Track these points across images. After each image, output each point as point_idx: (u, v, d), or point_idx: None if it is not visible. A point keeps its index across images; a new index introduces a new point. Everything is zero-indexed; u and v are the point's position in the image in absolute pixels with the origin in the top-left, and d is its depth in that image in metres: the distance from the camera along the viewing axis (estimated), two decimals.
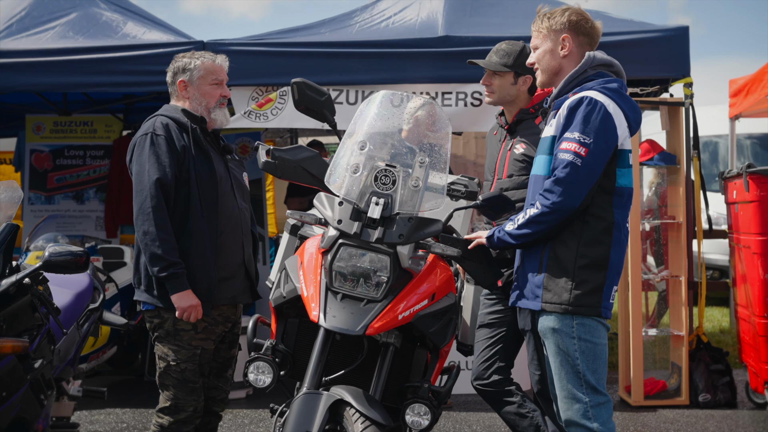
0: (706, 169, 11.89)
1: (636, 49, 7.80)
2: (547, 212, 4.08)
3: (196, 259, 4.78)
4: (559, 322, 4.12)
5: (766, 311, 6.64)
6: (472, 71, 6.17)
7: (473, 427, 7.11)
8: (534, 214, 4.12)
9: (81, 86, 8.50)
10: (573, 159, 4.02)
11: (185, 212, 4.79)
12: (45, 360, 4.80)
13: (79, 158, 11.23)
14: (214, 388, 5.08)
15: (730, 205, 7.47)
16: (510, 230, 4.22)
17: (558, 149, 4.07)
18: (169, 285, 4.70)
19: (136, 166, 4.80)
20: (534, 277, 4.18)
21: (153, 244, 4.67)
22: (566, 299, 4.08)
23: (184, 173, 4.79)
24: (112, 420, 7.33)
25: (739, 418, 7.32)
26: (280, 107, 7.85)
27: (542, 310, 4.16)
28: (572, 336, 4.10)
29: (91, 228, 11.08)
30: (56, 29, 8.42)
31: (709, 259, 10.64)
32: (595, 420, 4.10)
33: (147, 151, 4.76)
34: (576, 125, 4.05)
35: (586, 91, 4.13)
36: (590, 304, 4.09)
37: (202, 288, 4.78)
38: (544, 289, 4.13)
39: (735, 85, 10.30)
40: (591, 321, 4.12)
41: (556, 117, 4.19)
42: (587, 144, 4.02)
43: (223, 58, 5.09)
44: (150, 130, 4.81)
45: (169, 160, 4.74)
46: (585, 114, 4.05)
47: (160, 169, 4.72)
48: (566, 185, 4.03)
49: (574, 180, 4.02)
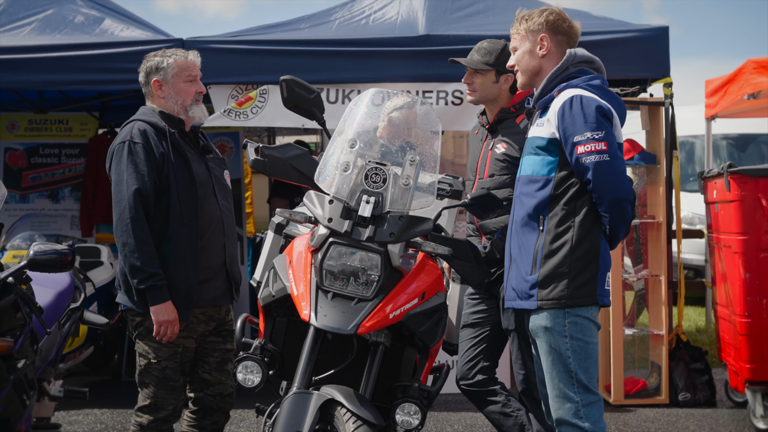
0: (681, 169, 11.94)
1: (615, 48, 7.81)
2: (615, 211, 4.10)
3: (175, 264, 4.73)
4: (552, 321, 4.12)
5: (747, 310, 6.66)
6: (452, 70, 6.17)
7: (454, 426, 7.10)
8: (609, 220, 4.12)
9: (58, 84, 8.41)
10: (598, 159, 4.03)
11: (165, 219, 4.74)
12: (28, 360, 4.74)
13: (54, 157, 11.13)
14: (219, 383, 5.00)
15: (710, 204, 7.49)
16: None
17: (576, 155, 4.07)
18: (149, 296, 4.66)
19: (114, 175, 4.75)
20: (528, 277, 4.17)
21: (132, 256, 4.62)
22: (563, 294, 4.09)
23: (163, 180, 4.73)
24: (90, 420, 7.27)
25: (719, 416, 7.35)
26: (260, 105, 7.81)
27: (537, 308, 4.15)
28: (564, 335, 4.10)
29: (66, 227, 11.00)
30: (33, 26, 8.33)
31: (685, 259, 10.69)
32: (587, 419, 4.10)
33: (125, 160, 4.70)
34: (579, 126, 4.06)
35: (572, 89, 4.15)
36: (587, 294, 4.12)
37: (180, 292, 4.74)
38: (539, 288, 4.13)
39: (711, 85, 10.32)
40: (583, 320, 4.12)
41: (547, 118, 4.19)
42: (601, 138, 4.04)
43: (195, 54, 5.04)
44: (128, 138, 4.74)
45: (147, 168, 4.68)
46: (583, 112, 4.06)
47: (139, 179, 4.67)
48: (608, 183, 4.05)
49: (611, 175, 4.05)
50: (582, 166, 4.07)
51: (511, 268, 4.31)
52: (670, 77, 7.86)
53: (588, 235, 4.13)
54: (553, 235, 4.13)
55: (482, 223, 5.15)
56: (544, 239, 4.15)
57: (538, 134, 4.24)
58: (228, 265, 4.98)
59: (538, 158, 4.21)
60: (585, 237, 4.12)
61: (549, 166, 4.17)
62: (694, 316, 12.43)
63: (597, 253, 4.14)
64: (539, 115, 4.29)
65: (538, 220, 4.18)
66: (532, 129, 4.34)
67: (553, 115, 4.15)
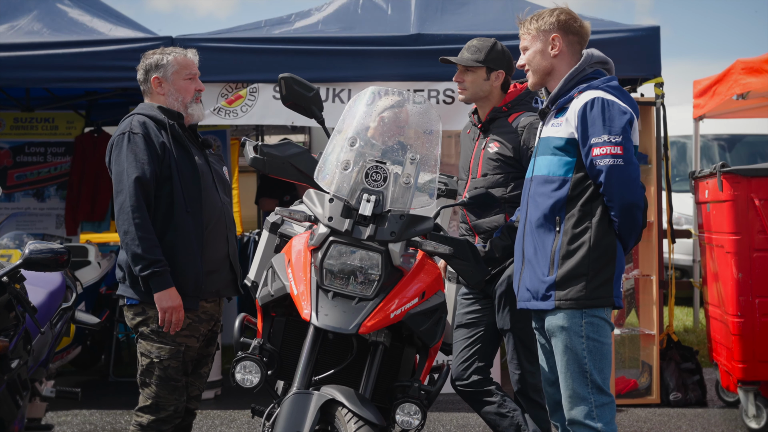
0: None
1: (606, 48, 7.64)
2: (625, 215, 4.10)
3: (182, 254, 4.71)
4: (569, 321, 4.12)
5: (739, 310, 6.67)
6: (443, 69, 6.15)
7: (447, 426, 7.08)
8: (618, 224, 4.12)
9: (45, 81, 8.33)
10: (613, 162, 4.02)
11: (169, 208, 4.72)
12: (21, 360, 4.70)
13: (39, 155, 11.05)
14: (189, 385, 4.99)
15: (701, 204, 7.50)
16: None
17: (591, 157, 4.07)
18: (152, 283, 4.61)
19: (115, 166, 4.74)
20: (545, 278, 4.16)
21: (133, 243, 4.59)
22: (582, 294, 4.09)
23: (165, 170, 4.73)
24: (79, 421, 7.21)
25: (710, 416, 7.36)
26: (250, 104, 7.77)
27: (555, 309, 4.14)
28: (581, 335, 4.11)
29: (52, 226, 10.92)
30: (20, 24, 8.27)
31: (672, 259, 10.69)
32: (599, 420, 4.09)
33: (125, 150, 4.70)
34: (598, 128, 4.06)
35: (593, 90, 4.14)
36: (604, 295, 4.12)
37: (189, 282, 4.72)
38: (557, 289, 4.12)
39: (699, 85, 10.33)
40: (599, 320, 4.13)
41: (565, 118, 4.17)
42: (618, 142, 4.02)
43: (194, 52, 5.07)
44: (127, 129, 4.75)
45: (147, 157, 4.68)
46: (603, 115, 4.06)
47: (139, 168, 4.66)
48: (620, 187, 4.05)
49: (624, 179, 4.04)
50: (596, 169, 4.06)
51: (525, 268, 4.29)
52: (661, 77, 7.86)
53: (605, 237, 4.12)
54: (571, 236, 4.12)
55: (476, 223, 5.13)
56: (561, 240, 4.14)
57: (555, 134, 4.22)
58: (231, 257, 4.97)
59: (555, 158, 4.19)
60: (602, 238, 4.11)
61: (566, 167, 4.16)
62: (681, 316, 12.45)
63: (614, 255, 4.14)
64: (555, 115, 4.27)
65: (554, 221, 4.17)
66: (546, 129, 4.31)
67: (573, 115, 4.13)
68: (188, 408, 5.01)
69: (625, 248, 4.20)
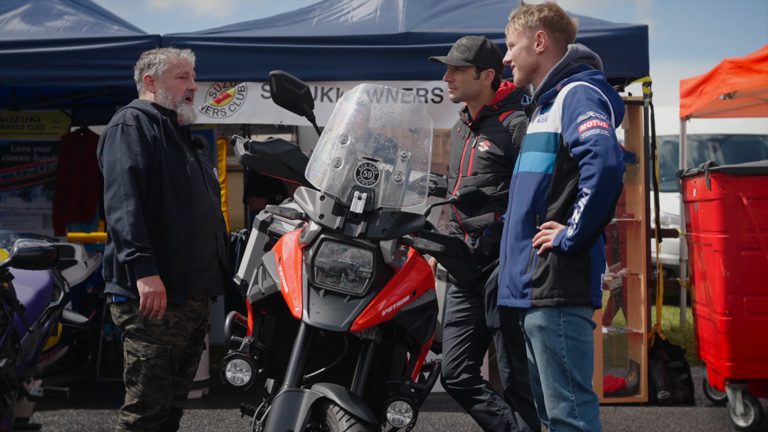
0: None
1: (594, 47, 7.60)
2: (603, 185, 3.89)
3: (171, 249, 4.71)
4: (546, 320, 4.08)
5: (727, 308, 6.68)
6: (432, 68, 6.12)
7: (436, 425, 7.08)
8: (589, 197, 3.92)
9: (32, 80, 8.30)
10: (600, 132, 3.91)
11: (158, 203, 4.72)
12: (9, 359, 4.67)
13: (26, 155, 11.00)
14: (176, 384, 4.98)
15: (689, 203, 7.51)
16: (574, 233, 3.97)
17: (577, 133, 3.95)
18: (136, 269, 4.59)
19: (107, 156, 4.73)
20: (522, 276, 4.13)
21: (123, 230, 4.57)
22: (557, 292, 4.04)
23: (155, 164, 4.73)
24: (66, 421, 7.17)
25: (698, 414, 7.37)
26: (238, 103, 7.75)
27: (531, 307, 4.11)
28: (559, 334, 4.07)
29: (39, 226, 10.87)
30: (7, 22, 8.21)
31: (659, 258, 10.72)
32: (582, 418, 4.07)
33: (119, 140, 4.70)
34: (584, 107, 3.98)
35: (575, 82, 4.12)
36: (580, 294, 4.07)
37: (177, 277, 4.71)
38: (533, 287, 4.09)
39: (686, 85, 10.36)
40: (578, 319, 4.08)
41: (552, 111, 4.15)
42: (604, 118, 3.96)
43: (189, 52, 5.09)
44: (120, 121, 4.76)
45: (140, 149, 4.69)
46: (587, 97, 4.02)
47: (132, 158, 4.66)
48: (604, 153, 3.87)
49: (611, 147, 3.88)
50: (582, 140, 3.93)
51: (506, 265, 4.28)
52: (649, 76, 7.87)
53: None
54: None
55: (465, 221, 5.12)
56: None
57: (538, 130, 4.19)
58: (220, 255, 4.97)
59: (538, 154, 4.15)
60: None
61: (547, 162, 4.12)
62: (668, 315, 12.48)
63: (591, 254, 4.09)
64: (540, 111, 4.25)
65: (534, 218, 4.13)
66: (532, 125, 4.30)
67: (557, 108, 4.10)
68: (175, 407, 5.00)
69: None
